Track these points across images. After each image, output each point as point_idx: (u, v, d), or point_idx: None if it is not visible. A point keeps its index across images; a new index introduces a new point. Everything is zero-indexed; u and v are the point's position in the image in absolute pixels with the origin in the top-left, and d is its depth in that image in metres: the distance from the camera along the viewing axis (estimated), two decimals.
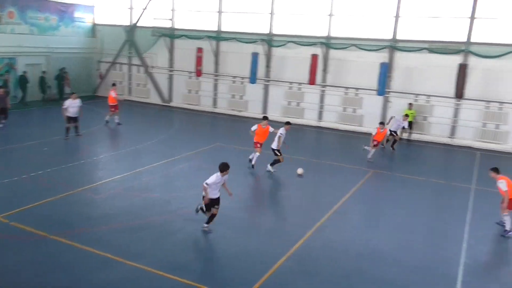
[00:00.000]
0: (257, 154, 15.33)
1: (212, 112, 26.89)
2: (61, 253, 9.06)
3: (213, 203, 10.14)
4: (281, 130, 15.19)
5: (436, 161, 19.23)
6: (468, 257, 9.71)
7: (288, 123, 15.56)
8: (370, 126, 22.97)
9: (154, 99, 29.07)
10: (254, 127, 15.40)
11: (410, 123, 21.13)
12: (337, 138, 22.26)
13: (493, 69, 20.23)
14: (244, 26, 25.59)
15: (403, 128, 20.27)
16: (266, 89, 25.63)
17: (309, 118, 24.59)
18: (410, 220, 11.82)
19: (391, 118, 20.05)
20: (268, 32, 24.92)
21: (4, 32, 24.75)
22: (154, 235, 10.13)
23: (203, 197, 10.09)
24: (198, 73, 26.24)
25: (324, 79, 23.92)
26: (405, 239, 10.57)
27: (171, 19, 27.68)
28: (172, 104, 28.45)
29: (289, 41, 23.97)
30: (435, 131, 21.76)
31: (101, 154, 16.70)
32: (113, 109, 21.16)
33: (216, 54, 26.52)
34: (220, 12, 26.16)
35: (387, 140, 19.31)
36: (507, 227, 10.82)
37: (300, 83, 24.45)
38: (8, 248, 9.21)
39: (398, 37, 22.01)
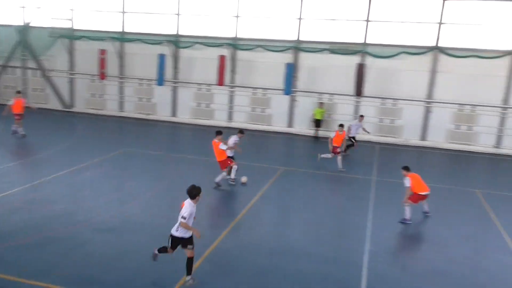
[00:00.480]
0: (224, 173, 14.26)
1: (118, 116, 25.87)
2: None
3: (185, 243, 8.18)
4: (234, 139, 14.56)
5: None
6: (372, 244, 10.39)
7: (241, 131, 14.91)
8: (279, 125, 23.75)
9: (54, 104, 27.24)
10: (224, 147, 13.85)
11: (319, 121, 22.14)
12: (248, 138, 22.54)
13: (388, 68, 21.90)
14: (149, 27, 24.96)
15: (363, 129, 19.65)
16: (174, 91, 25.26)
17: (219, 119, 24.69)
18: (318, 213, 12.36)
19: (349, 126, 19.09)
20: (174, 33, 24.57)
21: None
22: (60, 249, 9.48)
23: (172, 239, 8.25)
24: (102, 76, 25.12)
25: (232, 80, 24.17)
26: (315, 233, 11.04)
27: (70, 19, 26.12)
28: (74, 109, 26.90)
29: (196, 42, 23.85)
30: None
31: None
32: (18, 118, 19.23)
33: (121, 55, 25.58)
34: (123, 12, 25.26)
35: (348, 147, 18.58)
36: (406, 216, 11.77)
37: (209, 84, 24.46)
38: None
39: (302, 38, 22.92)
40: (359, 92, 21.64)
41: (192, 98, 25.03)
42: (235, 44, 23.62)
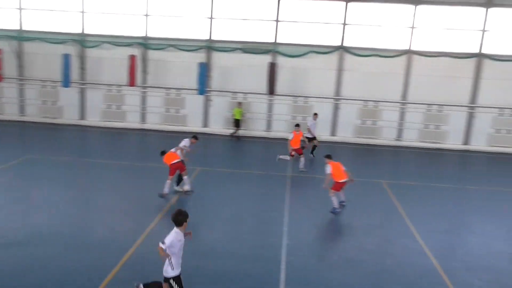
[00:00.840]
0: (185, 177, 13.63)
1: (19, 121, 23.96)
2: None
3: (166, 280, 7.01)
4: (186, 143, 14.25)
5: (256, 154, 20.59)
6: (289, 238, 10.68)
7: (195, 137, 14.58)
8: (194, 125, 23.54)
9: None
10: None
11: (239, 121, 22.27)
12: (162, 140, 22.06)
13: (298, 67, 22.66)
14: (51, 25, 23.39)
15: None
16: (82, 92, 23.97)
17: (132, 121, 23.90)
18: (238, 212, 12.45)
19: (309, 127, 19.07)
20: (80, 31, 23.29)
21: None
22: None
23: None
24: None
25: (144, 80, 23.51)
26: (235, 231, 11.11)
27: None
28: None
29: (103, 42, 22.82)
30: (255, 126, 23.35)
31: None
32: None
33: (19, 55, 23.71)
34: (20, 9, 23.41)
35: (313, 149, 18.89)
36: (335, 205, 12.27)
37: (119, 85, 23.55)
38: None
39: (214, 37, 22.90)
40: (271, 90, 22.14)
41: (102, 100, 23.93)
42: (145, 43, 22.98)
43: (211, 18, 22.75)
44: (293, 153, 16.82)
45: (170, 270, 6.89)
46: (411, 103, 22.55)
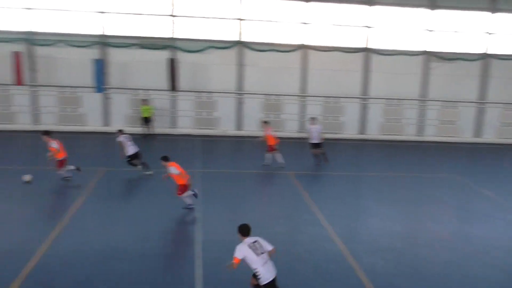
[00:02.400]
0: None
1: None
2: None
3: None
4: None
5: (162, 151, 19.97)
6: (203, 234, 10.70)
7: (121, 131, 15.47)
8: (94, 124, 22.41)
9: None
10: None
11: (147, 119, 21.52)
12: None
13: (199, 62, 22.61)
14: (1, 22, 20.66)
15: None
16: None
17: (23, 123, 22.04)
18: (147, 212, 12.14)
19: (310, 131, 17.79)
20: None
21: None
22: None
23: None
24: None
25: (33, 79, 21.78)
26: (143, 231, 10.76)
27: None
28: None
29: None
30: (159, 123, 22.78)
31: None
32: None
33: None
34: None
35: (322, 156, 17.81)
36: (188, 202, 12.12)
37: (5, 85, 21.54)
38: None
39: (108, 33, 21.93)
40: (173, 86, 21.85)
41: None
42: (31, 39, 21.27)
43: (103, 12, 21.73)
44: (269, 147, 16.87)
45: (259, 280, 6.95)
46: (310, 96, 23.69)
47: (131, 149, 15.16)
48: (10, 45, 20.80)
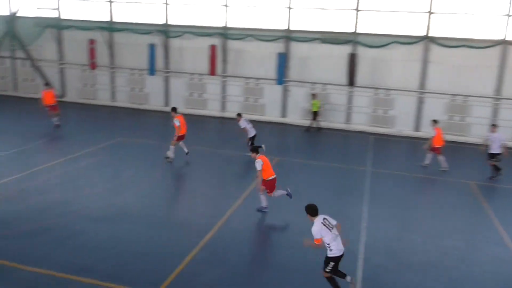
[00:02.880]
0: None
1: (111, 106, 25.65)
2: None
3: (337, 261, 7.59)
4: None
5: (335, 146, 20.20)
6: (368, 235, 10.41)
7: (239, 114, 16.64)
8: (272, 115, 23.72)
9: None
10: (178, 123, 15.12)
11: (316, 113, 21.90)
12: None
13: (379, 58, 21.92)
14: (138, 16, 24.69)
15: None
16: (166, 81, 25.09)
17: (212, 109, 24.61)
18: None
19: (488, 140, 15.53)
20: (164, 22, 24.34)
21: None
22: (54, 238, 9.46)
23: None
24: (92, 65, 24.85)
25: (224, 70, 24.07)
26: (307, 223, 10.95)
27: (56, 9, 25.73)
28: (66, 99, 26.58)
29: (185, 32, 23.67)
30: (333, 117, 22.99)
31: None
32: (52, 110, 19.48)
33: (111, 45, 25.30)
34: (110, 1, 24.93)
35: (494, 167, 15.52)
36: (263, 205, 11.41)
37: (200, 74, 24.33)
38: None
39: (292, 27, 22.84)
40: (351, 82, 21.69)
41: (185, 88, 24.89)
42: (225, 33, 23.48)
43: (290, 8, 22.67)
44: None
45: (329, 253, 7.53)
46: (507, 99, 20.87)
47: (251, 131, 16.31)
48: (208, 39, 23.32)
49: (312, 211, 7.55)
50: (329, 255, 7.42)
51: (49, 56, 26.56)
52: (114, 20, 25.05)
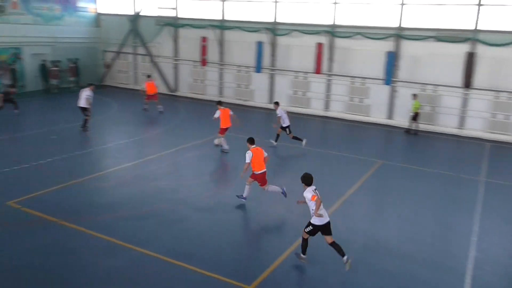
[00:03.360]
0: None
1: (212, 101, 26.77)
2: (70, 239, 9.15)
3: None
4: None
5: (444, 152, 18.86)
6: (478, 250, 9.58)
7: (277, 103, 17.42)
8: (378, 116, 22.90)
9: (160, 88, 28.96)
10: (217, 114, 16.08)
11: (416, 114, 20.68)
12: (344, 128, 22.12)
13: (502, 57, 19.97)
14: (248, 14, 25.42)
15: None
16: (272, 78, 25.52)
17: (316, 108, 24.50)
18: (418, 212, 11.65)
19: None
20: (272, 20, 24.75)
21: (8, 22, 24.71)
22: (161, 222, 10.17)
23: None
24: (203, 62, 26.16)
25: (330, 68, 23.78)
26: (413, 232, 10.44)
27: (174, 8, 27.54)
28: (178, 93, 28.41)
29: (293, 30, 23.81)
30: (444, 121, 21.54)
31: (109, 143, 16.74)
32: (153, 99, 22.53)
33: (221, 43, 26.40)
34: (223, 0, 25.98)
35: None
36: (244, 194, 11.33)
37: (306, 72, 24.33)
38: (20, 232, 9.31)
39: (404, 25, 21.75)
40: (467, 83, 20.09)
41: (289, 86, 25.10)
42: (333, 31, 23.16)
43: (402, 4, 21.60)
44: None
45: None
46: None
47: (286, 121, 16.81)
48: (315, 36, 23.22)
49: (307, 180, 8.61)
50: (311, 221, 8.46)
51: (165, 53, 28.53)
52: (226, 18, 26.09)
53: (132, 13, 28.86)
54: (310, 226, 8.45)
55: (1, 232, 9.33)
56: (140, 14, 28.50)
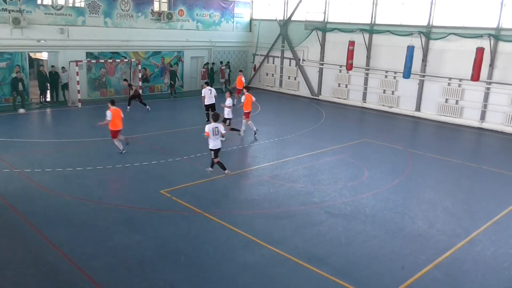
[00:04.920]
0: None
1: (360, 107, 26.24)
2: (211, 230, 9.83)
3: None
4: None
5: None
6: None
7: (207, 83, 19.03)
8: None
9: (303, 91, 29.53)
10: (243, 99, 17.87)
11: None
12: (502, 142, 19.79)
13: None
14: (399, 18, 24.32)
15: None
16: (420, 84, 24.03)
17: (469, 118, 22.37)
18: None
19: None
20: (426, 24, 23.25)
21: (175, 28, 27.60)
22: (295, 224, 10.32)
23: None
24: (349, 66, 25.81)
25: (490, 76, 21.48)
26: None
27: (324, 12, 27.69)
28: (320, 97, 28.54)
29: (450, 33, 22.05)
30: None
31: (251, 142, 17.58)
32: (238, 93, 23.50)
33: (369, 47, 25.74)
34: (374, 4, 25.27)
35: None
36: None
37: (460, 79, 22.37)
38: (168, 219, 10.33)
39: None
40: None
41: (440, 93, 23.32)
42: (497, 35, 20.83)
43: None
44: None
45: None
46: None
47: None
48: (475, 41, 21.14)
49: (214, 118, 12.93)
50: (209, 147, 12.72)
51: (311, 57, 28.89)
52: (376, 22, 25.35)
53: (282, 18, 29.86)
54: (211, 151, 12.77)
55: (154, 216, 10.45)
56: (291, 18, 29.33)
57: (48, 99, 23.34)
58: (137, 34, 25.61)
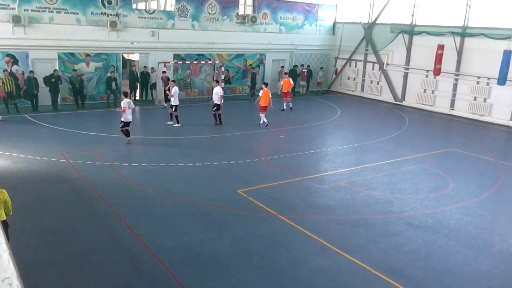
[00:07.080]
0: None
1: (447, 114, 24.80)
2: (285, 232, 9.84)
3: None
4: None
5: None
6: None
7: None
8: None
9: (386, 96, 28.54)
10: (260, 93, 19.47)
11: None
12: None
13: None
14: (495, 20, 22.63)
15: None
16: None
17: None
18: None
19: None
20: None
21: (259, 31, 28.02)
22: (372, 233, 10.00)
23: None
24: (437, 71, 24.50)
25: None
26: None
27: (412, 15, 26.56)
28: (404, 103, 27.41)
29: None
30: None
31: (329, 146, 17.34)
32: (286, 96, 23.43)
33: (460, 51, 24.25)
34: (468, 5, 23.75)
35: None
36: None
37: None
38: (244, 219, 10.49)
39: None
40: None
41: None
42: None
43: None
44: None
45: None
46: None
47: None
48: None
49: (126, 94, 15.69)
50: (121, 119, 15.54)
51: (396, 61, 27.84)
52: (469, 25, 23.85)
53: (367, 21, 29.13)
54: (122, 123, 15.58)
55: (230, 215, 10.67)
56: (376, 21, 28.52)
57: (137, 97, 24.84)
58: (222, 36, 26.38)
